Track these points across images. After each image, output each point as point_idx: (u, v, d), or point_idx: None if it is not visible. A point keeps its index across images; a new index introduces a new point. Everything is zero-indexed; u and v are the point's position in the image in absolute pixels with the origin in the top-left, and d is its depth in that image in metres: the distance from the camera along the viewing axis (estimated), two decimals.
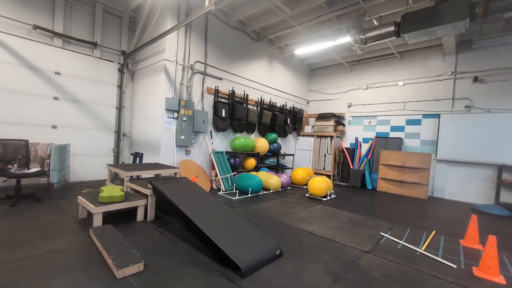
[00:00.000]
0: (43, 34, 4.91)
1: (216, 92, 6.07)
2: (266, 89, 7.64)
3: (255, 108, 7.21)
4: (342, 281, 2.17)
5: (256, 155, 6.74)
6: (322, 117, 8.65)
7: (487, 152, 5.95)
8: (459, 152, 6.32)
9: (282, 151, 8.23)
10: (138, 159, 5.43)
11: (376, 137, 7.79)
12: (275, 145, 7.42)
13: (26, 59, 4.75)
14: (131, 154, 5.74)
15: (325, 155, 8.31)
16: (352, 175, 7.58)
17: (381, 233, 3.46)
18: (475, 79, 6.27)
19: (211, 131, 6.15)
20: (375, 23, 5.53)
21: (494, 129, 5.89)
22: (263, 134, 7.45)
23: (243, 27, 6.70)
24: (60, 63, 5.16)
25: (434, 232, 3.67)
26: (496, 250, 2.43)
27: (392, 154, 6.89)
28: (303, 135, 8.91)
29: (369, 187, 7.26)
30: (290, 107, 8.50)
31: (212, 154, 5.85)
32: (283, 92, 8.33)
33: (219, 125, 6.17)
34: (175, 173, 4.35)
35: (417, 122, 7.24)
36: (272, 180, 5.93)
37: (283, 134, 8.20)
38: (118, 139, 6.09)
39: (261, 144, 6.81)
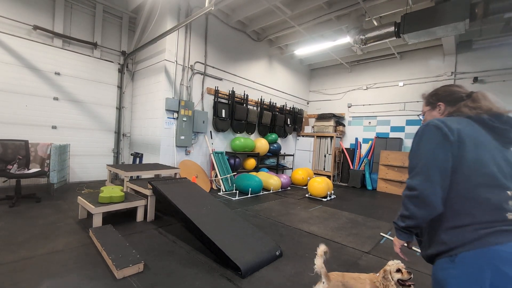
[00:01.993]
0: (43, 34, 4.91)
1: (216, 93, 6.07)
2: (266, 90, 7.64)
3: (255, 108, 7.21)
4: None
5: (256, 156, 6.74)
6: (322, 117, 8.65)
7: None
8: None
9: (282, 152, 8.22)
10: (138, 160, 5.43)
11: (376, 137, 7.79)
12: (275, 145, 7.41)
13: (26, 59, 4.75)
14: (131, 154, 5.73)
15: (325, 156, 8.31)
16: (352, 176, 7.58)
17: (381, 234, 3.46)
18: (475, 80, 6.27)
19: (211, 131, 6.15)
20: (375, 23, 5.53)
21: None
22: (263, 134, 7.45)
23: (243, 28, 6.70)
24: (60, 64, 5.16)
25: None
26: None
27: (392, 155, 6.89)
28: (303, 136, 8.90)
29: (369, 187, 7.26)
30: (290, 108, 8.50)
31: (212, 155, 5.85)
32: (283, 92, 8.33)
33: (219, 125, 6.16)
34: (175, 174, 4.35)
35: (417, 123, 7.23)
36: (272, 180, 5.93)
37: (283, 135, 8.20)
38: (118, 139, 6.08)
39: (261, 144, 6.81)
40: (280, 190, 6.19)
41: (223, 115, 6.17)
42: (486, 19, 4.08)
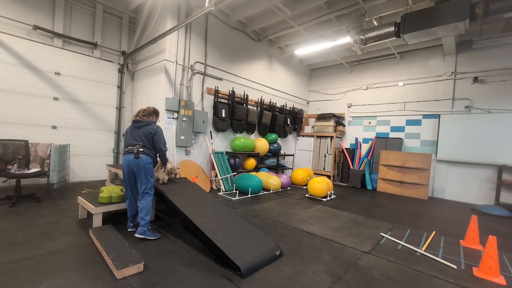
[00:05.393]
0: (43, 34, 4.91)
1: (216, 93, 6.07)
2: (266, 90, 7.64)
3: (255, 108, 7.21)
4: (342, 282, 2.16)
5: (256, 156, 6.74)
6: (322, 117, 8.65)
7: (487, 153, 5.95)
8: (459, 153, 6.31)
9: (282, 152, 8.22)
10: None
11: (376, 137, 7.79)
12: (275, 145, 7.41)
13: (26, 59, 4.75)
14: None
15: (325, 156, 8.31)
16: (352, 176, 7.58)
17: (381, 234, 3.46)
18: (475, 80, 6.28)
19: (211, 131, 6.15)
20: (375, 23, 5.53)
21: (494, 129, 5.89)
22: (263, 134, 7.45)
23: (243, 28, 6.70)
24: (60, 64, 5.16)
25: (434, 232, 3.67)
26: (496, 250, 2.43)
27: (392, 155, 6.89)
28: (303, 136, 8.91)
29: (369, 187, 7.26)
30: (290, 108, 8.50)
31: (212, 155, 5.85)
32: (283, 92, 8.33)
33: (219, 125, 6.16)
34: (175, 174, 4.33)
35: (417, 123, 7.24)
36: (272, 180, 5.93)
37: (283, 135, 8.20)
38: (118, 139, 6.08)
39: (261, 144, 6.81)
40: (280, 190, 6.19)
41: (223, 115, 6.17)
42: (486, 19, 4.09)
